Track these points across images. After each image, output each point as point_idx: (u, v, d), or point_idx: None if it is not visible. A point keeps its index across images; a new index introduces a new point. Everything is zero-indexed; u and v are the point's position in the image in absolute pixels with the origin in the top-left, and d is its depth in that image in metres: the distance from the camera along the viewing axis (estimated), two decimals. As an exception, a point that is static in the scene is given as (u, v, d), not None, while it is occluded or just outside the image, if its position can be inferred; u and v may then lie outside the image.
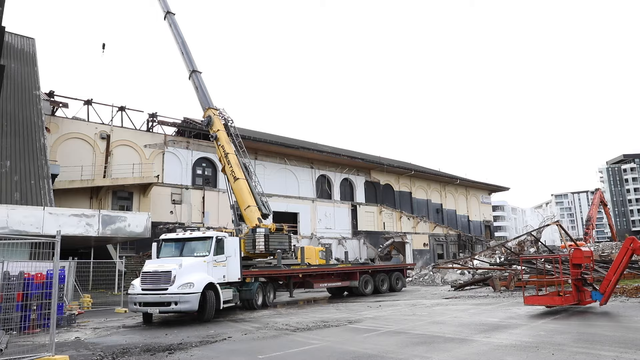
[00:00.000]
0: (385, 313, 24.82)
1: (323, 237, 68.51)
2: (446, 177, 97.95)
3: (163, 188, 55.34)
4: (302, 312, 27.32)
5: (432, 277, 49.15)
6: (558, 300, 21.69)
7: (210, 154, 60.02)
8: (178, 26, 46.20)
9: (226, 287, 26.50)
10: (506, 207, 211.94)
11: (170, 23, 46.48)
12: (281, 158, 68.14)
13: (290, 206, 67.45)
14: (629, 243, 20.73)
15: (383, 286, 39.73)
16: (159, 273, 23.89)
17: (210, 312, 24.24)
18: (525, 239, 64.61)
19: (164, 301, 23.32)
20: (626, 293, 27.38)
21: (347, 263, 42.32)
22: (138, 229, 38.53)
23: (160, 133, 58.01)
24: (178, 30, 45.90)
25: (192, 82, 43.51)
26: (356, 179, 78.61)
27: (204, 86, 42.91)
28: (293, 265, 35.52)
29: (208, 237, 26.52)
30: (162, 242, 27.03)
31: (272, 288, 31.85)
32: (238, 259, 27.94)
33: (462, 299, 30.88)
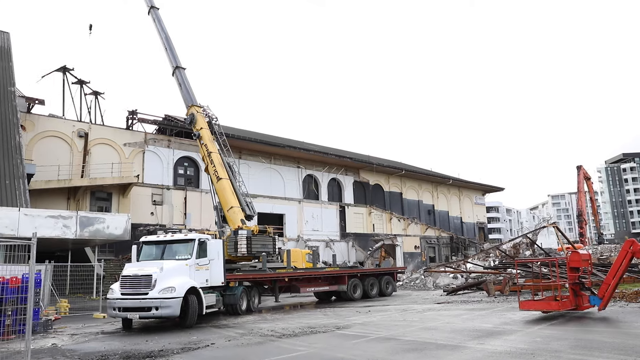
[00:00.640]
0: (374, 318, 24.81)
1: (310, 240, 68.51)
2: (438, 177, 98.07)
3: (143, 188, 55.24)
4: (288, 317, 27.32)
5: (423, 281, 49.19)
6: (555, 305, 21.63)
7: (192, 153, 59.94)
8: (162, 21, 46.20)
9: (209, 291, 26.46)
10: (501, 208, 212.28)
11: (154, 18, 46.47)
12: (266, 157, 68.08)
13: (276, 207, 67.42)
14: (628, 245, 20.60)
15: (372, 290, 39.71)
16: (139, 277, 23.85)
17: (193, 318, 24.18)
18: (521, 242, 64.67)
19: (144, 306, 23.27)
20: (626, 298, 27.24)
21: (335, 266, 42.40)
22: (117, 231, 38.41)
23: (141, 131, 57.94)
24: (162, 25, 45.88)
25: (176, 79, 43.46)
26: (344, 179, 78.65)
27: (187, 83, 42.87)
28: (279, 268, 35.51)
29: (190, 239, 26.47)
30: (143, 245, 26.95)
31: (257, 292, 31.75)
32: (221, 262, 27.90)
33: (455, 304, 30.89)
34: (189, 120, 41.10)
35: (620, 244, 59.78)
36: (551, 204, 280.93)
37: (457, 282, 45.49)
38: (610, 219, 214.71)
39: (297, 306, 35.66)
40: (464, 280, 45.43)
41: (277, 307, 34.54)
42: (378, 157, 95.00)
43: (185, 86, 42.54)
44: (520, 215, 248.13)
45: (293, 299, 42.09)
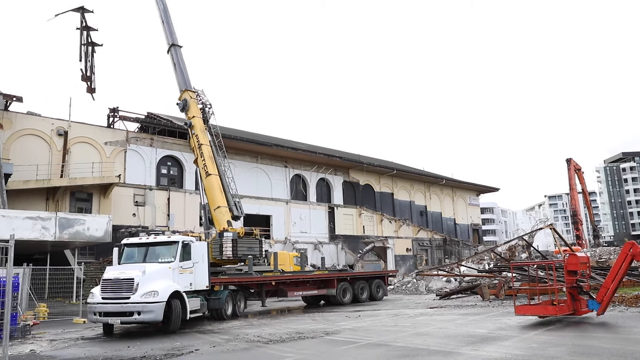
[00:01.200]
0: (365, 324, 24.83)
1: (298, 242, 68.53)
2: (431, 177, 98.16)
3: (125, 189, 55.10)
4: (275, 322, 27.33)
5: (415, 284, 49.22)
6: (552, 310, 21.62)
7: (175, 152, 59.93)
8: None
9: (193, 295, 26.46)
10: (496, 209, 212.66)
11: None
12: (252, 156, 68.03)
13: (263, 208, 67.39)
14: (628, 248, 20.63)
15: (363, 295, 39.80)
16: (120, 280, 23.78)
17: (176, 323, 24.16)
18: (517, 244, 64.74)
19: (126, 311, 23.23)
20: (625, 302, 27.20)
21: (323, 270, 42.34)
22: (98, 233, 38.38)
23: (122, 129, 57.84)
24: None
25: (171, 57, 42.42)
26: (334, 179, 78.72)
27: (183, 63, 41.98)
28: (265, 272, 35.48)
29: (174, 241, 26.47)
30: (124, 247, 26.92)
31: (243, 297, 31.84)
32: (206, 265, 27.88)
33: (448, 309, 30.92)
34: (181, 106, 40.38)
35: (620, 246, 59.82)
36: (548, 204, 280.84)
37: (450, 286, 45.51)
38: (610, 220, 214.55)
39: (285, 311, 35.67)
40: (458, 284, 45.53)
41: (264, 311, 34.50)
42: (368, 157, 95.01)
43: (180, 67, 41.57)
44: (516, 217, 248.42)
45: (280, 303, 42.12)
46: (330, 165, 77.32)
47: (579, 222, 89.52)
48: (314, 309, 35.61)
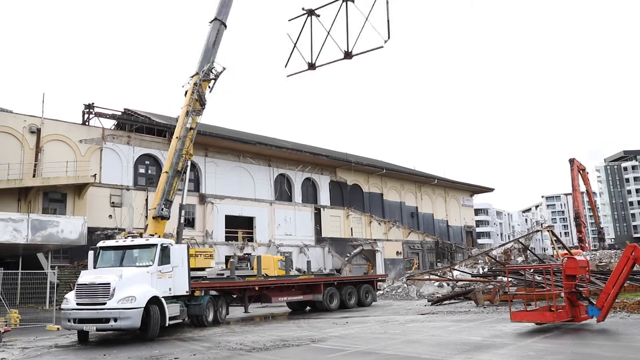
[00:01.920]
0: (353, 331, 24.87)
1: (282, 245, 68.62)
2: (422, 176, 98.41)
3: (101, 189, 55.06)
4: (259, 329, 27.36)
5: (406, 290, 49.22)
6: (549, 317, 21.49)
7: (154, 150, 59.95)
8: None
9: (172, 301, 26.40)
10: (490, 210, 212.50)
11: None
12: (235, 155, 68.11)
13: (245, 209, 67.48)
14: (629, 251, 20.52)
15: (350, 300, 39.73)
16: (96, 285, 23.72)
17: (155, 330, 24.15)
18: (512, 247, 64.83)
19: (102, 317, 23.18)
20: (627, 308, 27.06)
21: (309, 274, 42.40)
22: (72, 235, 38.33)
23: (98, 127, 57.75)
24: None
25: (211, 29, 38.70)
26: (320, 178, 78.88)
27: (213, 42, 39.45)
28: (248, 276, 35.60)
29: (152, 244, 26.45)
30: (100, 250, 26.83)
31: (225, 302, 31.80)
32: (186, 270, 27.79)
33: (441, 315, 30.98)
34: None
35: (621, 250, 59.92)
36: (545, 205, 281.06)
37: (442, 291, 45.52)
38: (610, 222, 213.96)
39: (269, 317, 35.73)
40: (450, 289, 45.51)
41: (247, 318, 34.60)
42: (356, 155, 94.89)
43: (210, 43, 39.28)
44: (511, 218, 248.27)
45: (264, 309, 42.11)
46: (316, 164, 77.49)
47: (581, 225, 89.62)
48: (300, 315, 35.67)
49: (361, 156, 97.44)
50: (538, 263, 50.24)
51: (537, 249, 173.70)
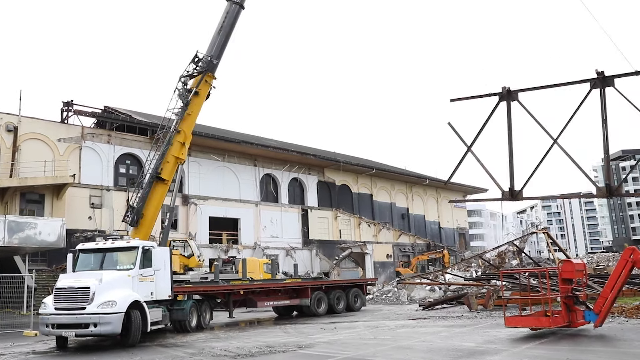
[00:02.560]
0: (341, 336, 24.96)
1: (268, 247, 68.64)
2: (413, 176, 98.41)
3: (80, 189, 55.01)
4: (244, 335, 27.43)
5: (396, 294, 49.23)
6: (545, 322, 21.49)
7: (135, 149, 59.94)
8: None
9: (154, 306, 26.42)
10: (484, 212, 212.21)
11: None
12: (219, 154, 68.02)
13: (230, 211, 67.51)
14: (628, 254, 20.57)
15: (339, 305, 39.77)
16: (75, 289, 23.75)
17: (136, 336, 24.14)
18: (507, 250, 64.94)
19: (81, 323, 23.21)
20: (625, 313, 27.22)
21: (296, 278, 42.48)
22: (51, 238, 38.32)
23: (77, 125, 57.70)
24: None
25: (226, 11, 37.73)
26: (307, 178, 78.94)
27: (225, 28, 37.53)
28: (233, 280, 35.60)
29: (133, 247, 26.41)
30: (79, 253, 26.76)
31: (209, 307, 31.80)
32: (168, 273, 27.87)
33: (432, 320, 31.08)
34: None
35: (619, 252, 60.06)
36: (541, 207, 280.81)
37: (434, 296, 45.61)
38: (608, 224, 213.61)
39: (254, 322, 35.81)
40: (443, 293, 45.63)
41: (232, 323, 34.61)
42: (345, 155, 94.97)
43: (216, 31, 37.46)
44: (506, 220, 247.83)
45: (249, 314, 42.14)
46: (303, 163, 77.53)
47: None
48: (286, 321, 35.73)
49: (350, 155, 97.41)
50: (533, 266, 50.42)
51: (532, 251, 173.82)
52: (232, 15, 37.01)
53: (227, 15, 36.78)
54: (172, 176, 34.29)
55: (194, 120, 35.47)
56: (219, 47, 36.28)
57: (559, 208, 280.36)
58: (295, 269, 45.88)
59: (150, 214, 33.29)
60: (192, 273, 37.73)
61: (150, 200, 33.25)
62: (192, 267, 43.16)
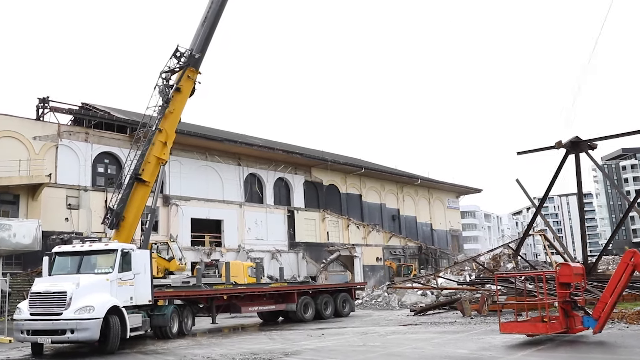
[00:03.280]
0: (329, 343, 25.01)
1: (253, 250, 68.62)
2: (404, 176, 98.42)
3: (56, 190, 54.83)
4: (228, 342, 27.50)
5: (387, 299, 49.25)
6: (542, 328, 21.46)
7: (114, 148, 59.81)
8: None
9: (134, 311, 26.42)
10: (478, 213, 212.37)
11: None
12: (201, 153, 67.99)
13: (213, 212, 67.44)
14: (629, 257, 20.55)
15: (327, 310, 39.78)
16: (51, 294, 23.77)
17: (115, 342, 24.14)
18: (502, 252, 65.01)
19: (58, 329, 23.20)
20: (626, 318, 27.03)
21: (282, 282, 42.48)
22: (26, 240, 38.34)
23: (54, 122, 57.55)
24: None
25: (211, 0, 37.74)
26: (294, 178, 78.94)
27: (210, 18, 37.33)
28: (216, 284, 35.59)
29: (112, 249, 26.40)
30: (56, 256, 26.76)
31: (191, 313, 31.82)
32: (149, 277, 27.89)
33: (424, 326, 31.08)
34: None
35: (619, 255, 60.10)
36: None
37: (426, 301, 45.59)
38: (608, 225, 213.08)
39: (238, 328, 35.88)
40: (435, 298, 45.63)
41: (215, 329, 34.65)
42: (333, 153, 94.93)
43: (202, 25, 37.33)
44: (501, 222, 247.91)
45: (233, 320, 42.17)
46: (289, 163, 77.53)
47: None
48: (272, 327, 35.78)
49: (338, 154, 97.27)
50: (529, 270, 50.51)
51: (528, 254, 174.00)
52: (217, 4, 36.97)
53: (211, 5, 36.84)
54: (154, 177, 34.31)
55: (177, 119, 35.45)
56: (203, 40, 36.34)
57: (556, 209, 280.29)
58: (281, 273, 45.85)
59: (132, 217, 33.26)
60: (173, 277, 37.74)
61: (131, 202, 33.24)
62: (173, 270, 43.25)
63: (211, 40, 36.81)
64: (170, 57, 35.24)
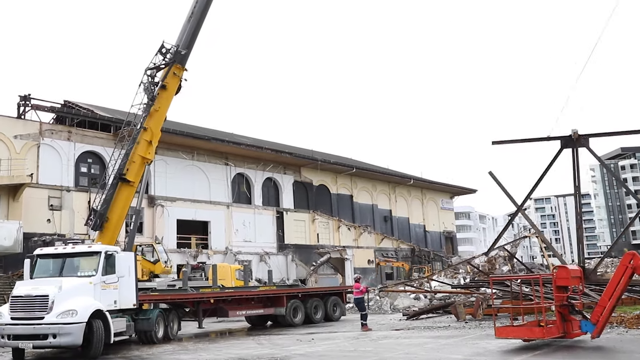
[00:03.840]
0: (319, 348, 25.02)
1: (241, 252, 68.49)
2: (396, 176, 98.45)
3: (38, 190, 54.69)
4: (214, 347, 27.51)
5: (378, 302, 49.25)
6: (538, 332, 21.41)
7: (97, 147, 59.67)
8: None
9: (118, 315, 26.40)
10: (473, 214, 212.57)
11: None
12: (188, 152, 67.82)
13: (199, 213, 67.36)
14: (628, 260, 20.46)
15: (317, 314, 39.74)
16: (32, 298, 23.73)
17: (98, 347, 24.08)
18: (497, 255, 65.03)
19: (40, 333, 23.15)
20: (625, 323, 27.10)
21: (271, 285, 42.54)
22: (6, 242, 38.33)
23: (35, 120, 57.41)
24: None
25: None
26: (283, 178, 78.93)
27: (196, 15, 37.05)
28: (203, 287, 35.58)
29: (95, 252, 26.36)
30: (37, 259, 26.71)
31: (177, 317, 31.78)
32: (133, 280, 27.82)
33: (417, 331, 31.11)
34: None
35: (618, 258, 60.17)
36: (534, 209, 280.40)
37: (419, 304, 45.61)
38: (606, 227, 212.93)
39: (225, 333, 35.84)
40: (428, 301, 45.68)
41: (201, 334, 34.67)
42: (323, 153, 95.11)
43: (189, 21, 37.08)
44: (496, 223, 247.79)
45: (220, 324, 42.16)
46: (278, 162, 77.51)
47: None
48: (260, 331, 35.84)
49: (328, 154, 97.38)
50: (526, 273, 50.51)
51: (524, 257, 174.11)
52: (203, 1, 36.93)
53: (198, 0, 36.79)
54: (138, 177, 34.37)
55: (163, 117, 35.50)
56: (189, 36, 36.35)
57: (553, 210, 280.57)
58: (269, 276, 45.91)
59: (116, 218, 33.31)
60: (158, 280, 37.71)
61: (115, 203, 33.29)
62: (159, 273, 43.26)
63: (198, 36, 36.90)
64: (156, 53, 35.36)
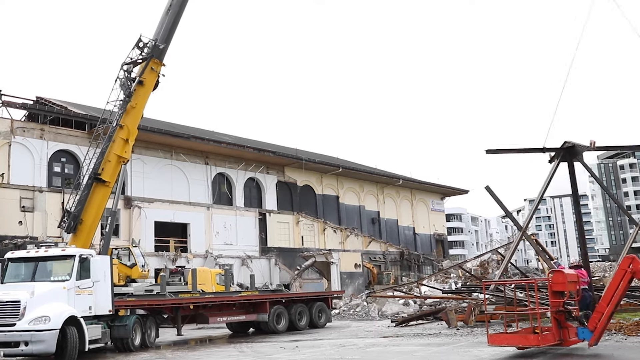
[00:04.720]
0: (304, 356, 25.03)
1: (221, 256, 68.39)
2: (385, 176, 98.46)
3: (9, 190, 54.62)
4: (194, 355, 27.51)
5: (366, 308, 49.23)
6: (533, 340, 21.21)
7: (71, 145, 59.54)
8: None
9: (93, 321, 26.39)
10: (464, 216, 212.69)
11: None
12: (166, 151, 67.88)
13: (178, 215, 67.28)
14: (627, 263, 20.36)
15: (301, 321, 39.67)
16: (3, 303, 23.76)
17: (72, 355, 24.05)
18: (490, 258, 65.09)
19: (11, 341, 23.17)
20: (624, 330, 26.97)
21: (253, 290, 42.49)
22: (-25, 245, 38.21)
23: (6, 117, 57.27)
24: None
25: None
26: (265, 178, 78.96)
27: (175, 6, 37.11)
28: (182, 293, 35.51)
29: (69, 255, 26.32)
30: (8, 263, 26.77)
31: (154, 323, 31.74)
32: (109, 285, 27.82)
33: (406, 338, 31.07)
34: None
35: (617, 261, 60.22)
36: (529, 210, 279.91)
37: (408, 310, 45.58)
38: (604, 229, 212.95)
39: (206, 340, 35.87)
40: (418, 307, 45.65)
41: (180, 341, 34.57)
42: (308, 152, 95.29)
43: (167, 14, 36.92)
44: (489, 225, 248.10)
45: (200, 331, 42.18)
46: (261, 162, 77.52)
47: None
48: (242, 339, 35.75)
49: (313, 152, 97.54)
50: (520, 277, 50.61)
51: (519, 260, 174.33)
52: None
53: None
54: (114, 177, 34.29)
55: (140, 114, 35.49)
56: (167, 30, 36.32)
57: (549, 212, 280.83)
58: (251, 281, 45.84)
59: (90, 220, 33.22)
60: (135, 285, 37.61)
61: (90, 204, 33.18)
62: (136, 278, 43.21)
63: (176, 29, 36.88)
64: (133, 47, 35.33)
